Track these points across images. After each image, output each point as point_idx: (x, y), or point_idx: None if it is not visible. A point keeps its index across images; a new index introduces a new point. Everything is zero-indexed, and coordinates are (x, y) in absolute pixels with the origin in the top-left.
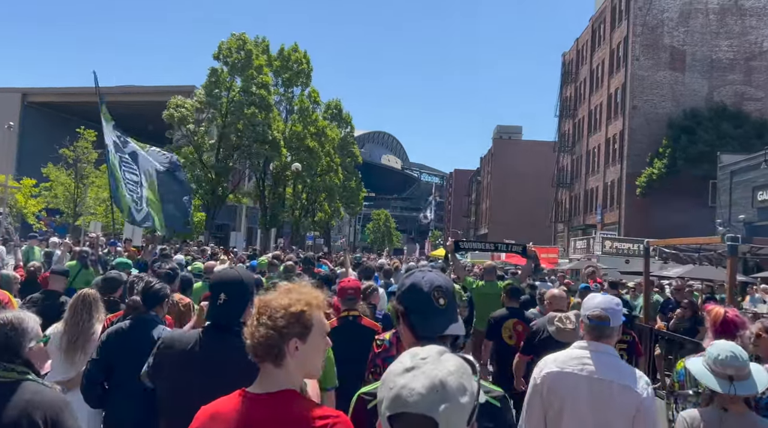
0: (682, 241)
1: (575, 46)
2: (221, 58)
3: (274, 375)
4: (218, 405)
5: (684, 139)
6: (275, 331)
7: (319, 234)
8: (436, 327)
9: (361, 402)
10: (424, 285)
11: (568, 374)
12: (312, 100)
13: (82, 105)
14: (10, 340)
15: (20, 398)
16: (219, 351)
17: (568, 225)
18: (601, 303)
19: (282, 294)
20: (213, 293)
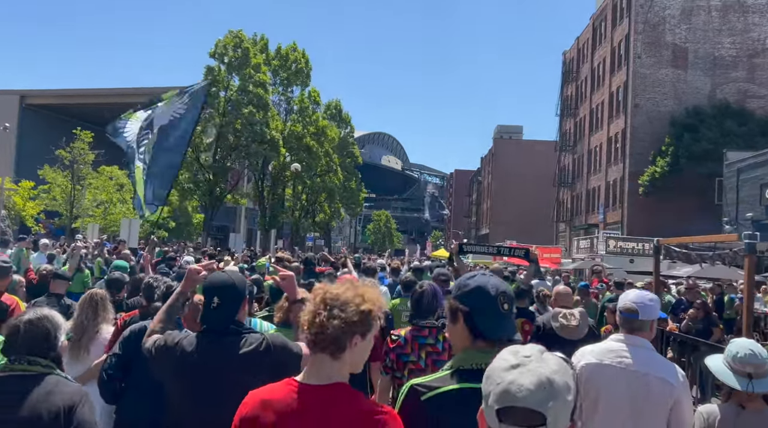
0: (695, 240)
1: (576, 44)
2: (217, 56)
3: (329, 366)
4: (269, 392)
5: (687, 137)
6: (346, 324)
7: (320, 236)
8: (503, 331)
9: (415, 392)
10: (490, 289)
11: (605, 366)
12: (312, 100)
13: (81, 107)
14: (48, 334)
15: (42, 390)
16: (216, 354)
17: (570, 225)
18: (634, 297)
19: (348, 288)
20: (206, 297)
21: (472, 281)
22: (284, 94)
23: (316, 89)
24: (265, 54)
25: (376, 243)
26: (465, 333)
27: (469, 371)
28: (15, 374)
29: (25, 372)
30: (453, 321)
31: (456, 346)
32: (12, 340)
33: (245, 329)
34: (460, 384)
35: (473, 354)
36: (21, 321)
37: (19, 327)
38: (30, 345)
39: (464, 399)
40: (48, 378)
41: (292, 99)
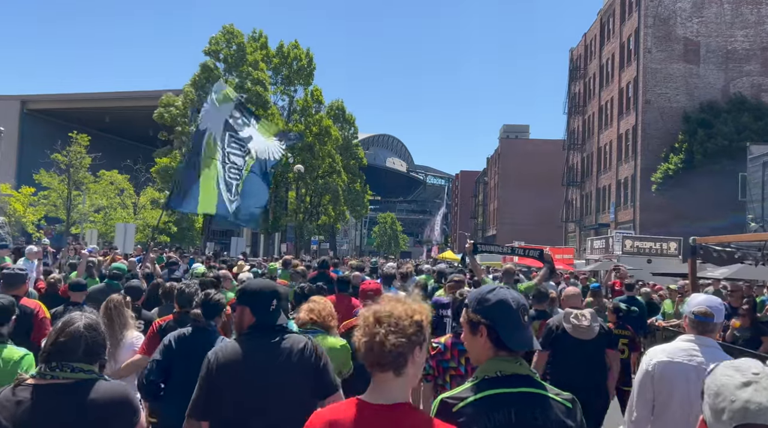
0: (733, 238)
1: (583, 41)
2: (212, 54)
3: (393, 384)
4: (335, 413)
5: (701, 132)
6: (406, 339)
7: (324, 239)
8: (525, 342)
9: (445, 405)
10: (512, 302)
11: (677, 364)
12: (315, 99)
13: (82, 111)
14: (104, 340)
15: (90, 397)
16: (260, 353)
17: (580, 225)
18: (705, 301)
19: (396, 303)
20: (264, 300)
21: (493, 295)
22: (286, 93)
23: (318, 88)
24: (265, 51)
25: (381, 246)
26: (488, 345)
27: (493, 379)
28: (57, 382)
29: (68, 379)
30: (474, 334)
31: (476, 358)
32: (72, 347)
33: (288, 330)
34: (487, 392)
35: (496, 363)
36: (82, 327)
37: (82, 334)
38: (90, 353)
39: (493, 406)
40: (91, 384)
41: (294, 99)
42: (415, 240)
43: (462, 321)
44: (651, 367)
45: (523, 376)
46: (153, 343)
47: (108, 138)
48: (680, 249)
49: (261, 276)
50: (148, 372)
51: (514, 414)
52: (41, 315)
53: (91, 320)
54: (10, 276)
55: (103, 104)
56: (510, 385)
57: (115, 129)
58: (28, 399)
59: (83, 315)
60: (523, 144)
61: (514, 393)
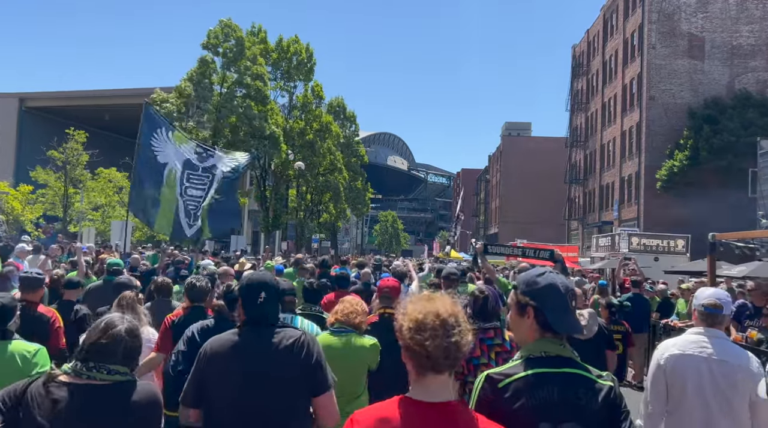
0: (758, 234)
1: (586, 37)
2: (210, 48)
3: (446, 383)
4: (383, 411)
5: (707, 129)
6: (471, 339)
7: (325, 237)
8: (571, 326)
9: (491, 380)
10: (560, 286)
11: (688, 356)
12: (315, 95)
13: (81, 109)
14: (141, 345)
15: (130, 398)
16: (256, 344)
17: (583, 223)
18: (714, 294)
19: (449, 304)
20: (252, 293)
21: (542, 278)
22: (286, 89)
23: (319, 83)
24: (264, 46)
25: (383, 245)
26: (534, 327)
27: (539, 358)
28: (93, 383)
29: (104, 381)
30: (521, 315)
31: (521, 338)
32: (112, 349)
33: (284, 324)
34: (533, 370)
35: (542, 343)
36: (124, 331)
37: (124, 338)
38: (128, 356)
39: (537, 383)
40: (127, 386)
41: (294, 95)
42: (416, 238)
43: (509, 301)
44: (663, 361)
45: (567, 358)
46: (166, 339)
47: (106, 135)
48: (688, 247)
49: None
50: (175, 363)
51: (557, 392)
52: (57, 324)
53: (132, 325)
54: (27, 280)
55: (101, 101)
56: (554, 365)
57: (115, 126)
58: (65, 398)
59: (124, 318)
60: (525, 141)
61: (558, 373)
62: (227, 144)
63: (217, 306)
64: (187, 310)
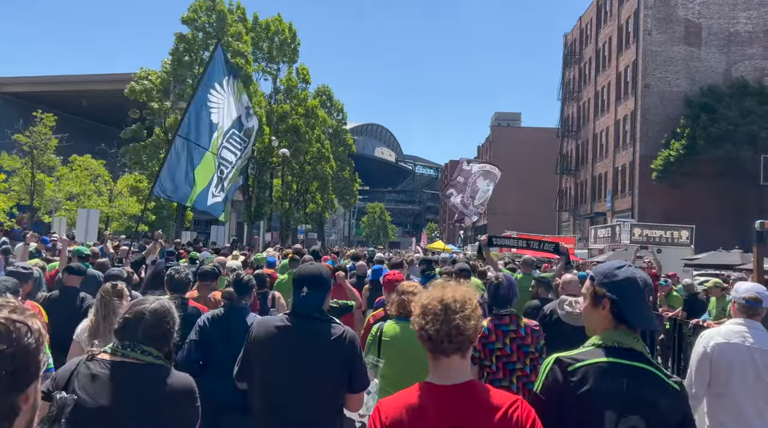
0: None
1: (578, 25)
2: (190, 22)
3: (461, 365)
4: (407, 397)
5: (704, 117)
6: (477, 321)
7: (312, 228)
8: (646, 321)
9: (561, 363)
10: (639, 281)
11: (733, 345)
12: (300, 78)
13: (55, 95)
14: (169, 329)
15: (153, 380)
16: (303, 334)
17: (574, 214)
18: (754, 287)
19: (454, 288)
20: (296, 286)
21: (621, 272)
22: (269, 71)
23: (305, 66)
24: (243, 24)
25: (370, 236)
26: (608, 318)
27: (611, 348)
28: (128, 361)
29: (137, 361)
30: (595, 306)
31: (594, 328)
32: (134, 326)
33: (327, 317)
34: (605, 358)
35: (616, 334)
36: (147, 310)
37: (145, 315)
38: (150, 335)
39: (607, 372)
40: (159, 369)
41: (278, 78)
42: (404, 230)
43: (584, 291)
44: (710, 349)
45: (639, 352)
46: None
47: (80, 121)
48: (692, 238)
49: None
50: (188, 352)
51: (626, 385)
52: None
53: (160, 306)
54: (14, 275)
55: (78, 87)
56: (627, 357)
57: (92, 113)
58: (103, 373)
59: (157, 300)
60: (515, 132)
61: (629, 366)
62: None
63: (227, 293)
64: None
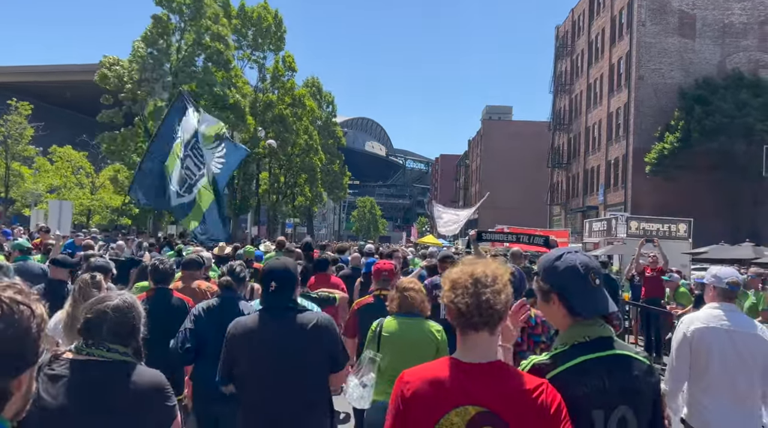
0: None
1: (570, 16)
2: (165, 4)
3: (489, 343)
4: (431, 371)
5: (699, 110)
6: (507, 297)
7: (300, 222)
8: (597, 307)
9: (539, 370)
10: (580, 267)
11: (712, 328)
12: (287, 66)
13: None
14: (133, 325)
15: (121, 378)
16: (280, 326)
17: (566, 208)
18: (732, 273)
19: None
20: (264, 282)
21: (561, 262)
22: (255, 60)
23: (290, 53)
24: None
25: (360, 231)
26: (563, 312)
27: (583, 344)
28: (93, 359)
29: (104, 358)
30: (546, 301)
31: (557, 323)
32: (97, 325)
33: (300, 306)
34: (581, 358)
35: (580, 329)
36: (108, 308)
37: (107, 314)
38: (114, 333)
39: (586, 371)
40: (126, 367)
41: (264, 66)
42: (394, 224)
43: (535, 289)
44: (689, 333)
45: (608, 338)
46: None
47: (68, 114)
48: (690, 232)
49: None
50: (183, 340)
51: (607, 378)
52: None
53: (122, 302)
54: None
55: (61, 78)
56: (599, 349)
57: (76, 105)
58: (66, 373)
59: (119, 296)
60: (506, 125)
61: (604, 357)
62: None
63: (225, 282)
64: (152, 292)
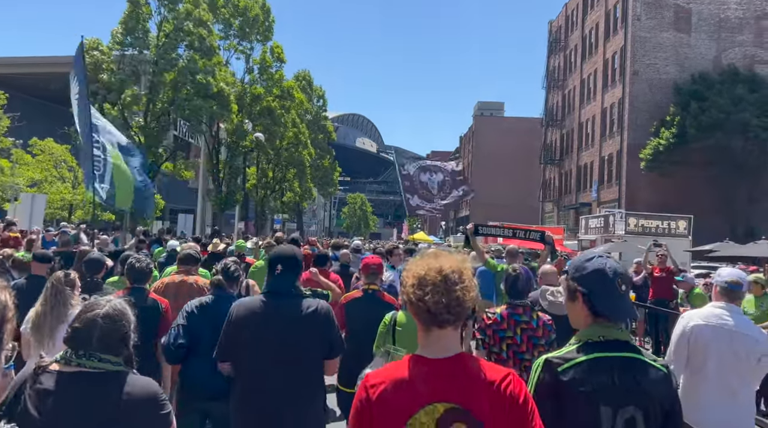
0: None
1: (564, 11)
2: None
3: (453, 338)
4: (395, 371)
5: (695, 105)
6: (475, 293)
7: (289, 218)
8: (621, 311)
9: (550, 365)
10: (608, 271)
11: (711, 326)
12: (275, 57)
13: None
14: (125, 333)
15: (114, 389)
16: (282, 311)
17: (558, 205)
18: (735, 272)
19: (449, 258)
20: (271, 266)
21: (590, 264)
22: (241, 50)
23: (279, 44)
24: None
25: (351, 227)
26: (585, 312)
27: (597, 343)
28: (84, 371)
29: (95, 369)
30: (572, 300)
31: (577, 322)
32: (87, 335)
33: (302, 293)
34: (592, 355)
35: (598, 329)
36: (98, 316)
37: (97, 323)
38: (105, 344)
39: (596, 368)
40: (119, 377)
41: (251, 57)
42: (385, 221)
43: (562, 286)
44: (688, 329)
45: (624, 342)
46: None
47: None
48: (690, 229)
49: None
50: (176, 337)
51: (617, 377)
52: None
53: (112, 309)
54: None
55: (44, 69)
56: (612, 349)
57: (62, 98)
58: (58, 387)
59: (108, 302)
60: (498, 121)
61: (616, 357)
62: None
63: (216, 281)
64: (126, 291)
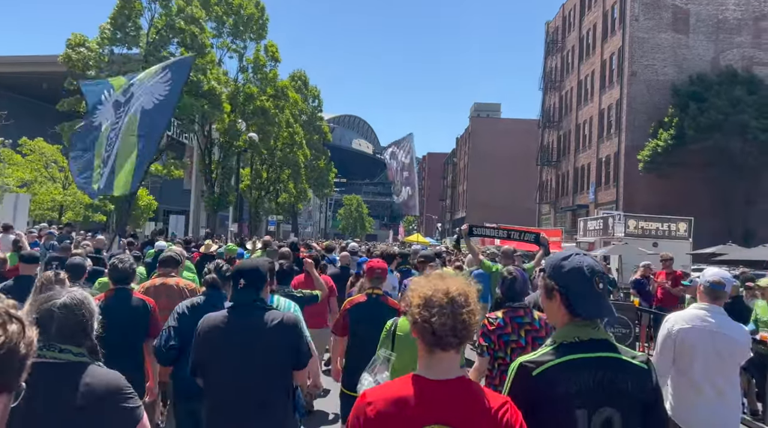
0: None
1: (561, 12)
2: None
3: (454, 360)
4: (395, 390)
5: (693, 106)
6: (481, 316)
7: (284, 219)
8: (599, 310)
9: (524, 368)
10: (586, 270)
11: (695, 329)
12: (269, 56)
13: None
14: (85, 322)
15: (75, 380)
16: (247, 323)
17: (555, 207)
18: (719, 273)
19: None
20: (234, 280)
21: (567, 262)
22: (234, 49)
23: (273, 43)
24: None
25: (347, 229)
26: (562, 311)
27: (572, 344)
28: (45, 361)
29: (56, 359)
30: (549, 298)
31: (554, 322)
32: (45, 326)
33: (268, 306)
34: (566, 356)
35: (574, 328)
36: (55, 306)
37: (54, 313)
38: (64, 334)
39: (571, 370)
40: (80, 367)
41: (244, 56)
42: (380, 222)
43: (540, 285)
44: (674, 332)
45: (600, 340)
46: None
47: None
48: (690, 231)
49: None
50: (167, 338)
51: (594, 377)
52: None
53: (70, 299)
54: None
55: (35, 68)
56: (588, 350)
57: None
58: None
59: (68, 293)
60: (494, 123)
61: (592, 358)
62: None
63: (211, 279)
64: (111, 293)
